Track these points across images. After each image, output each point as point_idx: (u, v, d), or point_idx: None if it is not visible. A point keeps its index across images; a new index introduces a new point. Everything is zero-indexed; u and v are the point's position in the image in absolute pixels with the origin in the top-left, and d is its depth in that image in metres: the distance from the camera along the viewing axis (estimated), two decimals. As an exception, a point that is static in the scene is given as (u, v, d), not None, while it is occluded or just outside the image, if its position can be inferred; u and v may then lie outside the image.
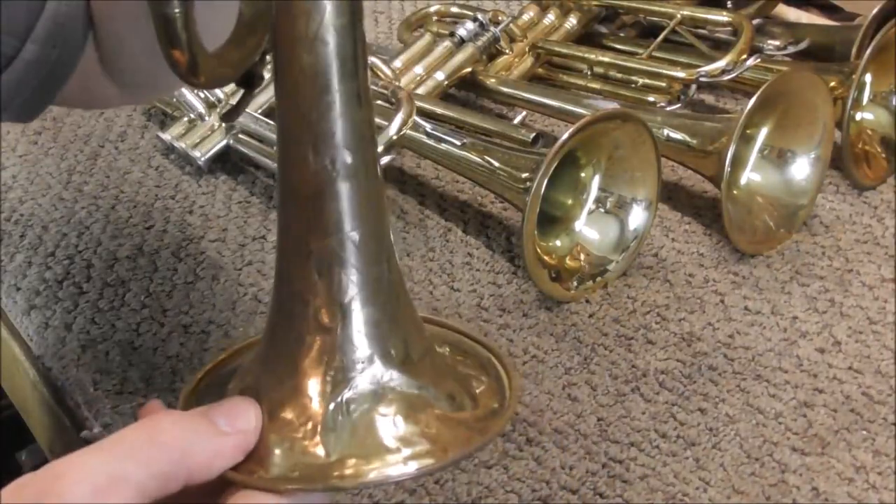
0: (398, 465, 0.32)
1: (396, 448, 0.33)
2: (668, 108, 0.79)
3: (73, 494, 0.28)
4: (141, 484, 0.29)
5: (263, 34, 0.33)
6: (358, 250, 0.34)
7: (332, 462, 0.32)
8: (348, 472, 0.32)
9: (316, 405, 0.33)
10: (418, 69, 0.83)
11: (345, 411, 0.33)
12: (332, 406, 0.33)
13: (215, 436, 0.32)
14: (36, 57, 0.45)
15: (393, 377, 0.34)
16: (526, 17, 0.89)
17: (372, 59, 0.81)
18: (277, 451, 0.32)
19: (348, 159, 0.33)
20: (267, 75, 0.35)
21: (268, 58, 0.35)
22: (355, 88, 0.33)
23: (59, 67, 0.46)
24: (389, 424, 0.33)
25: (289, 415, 0.33)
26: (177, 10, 0.30)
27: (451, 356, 0.38)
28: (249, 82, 0.37)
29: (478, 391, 0.37)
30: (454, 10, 0.93)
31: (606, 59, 0.83)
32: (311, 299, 0.34)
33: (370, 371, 0.34)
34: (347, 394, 0.33)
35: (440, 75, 0.83)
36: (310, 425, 0.33)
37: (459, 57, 0.84)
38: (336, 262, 0.33)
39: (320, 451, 0.32)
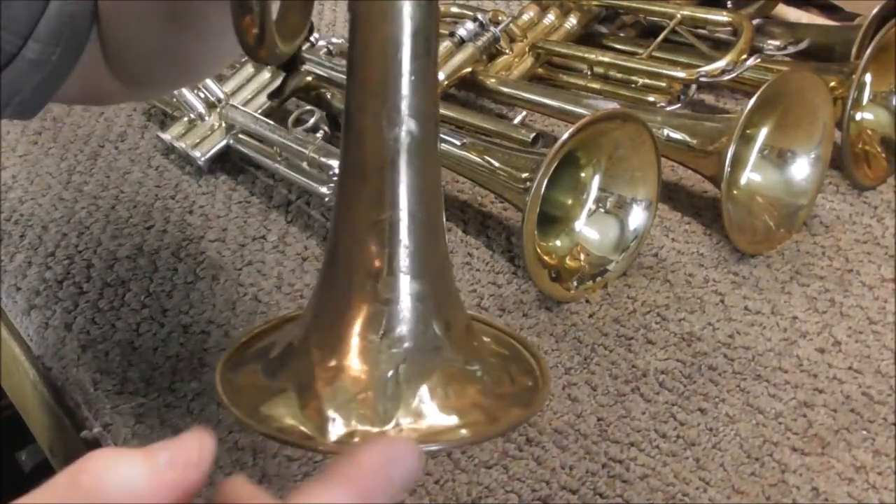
0: (455, 433, 0.33)
1: (451, 417, 0.33)
2: (668, 108, 0.79)
3: None
4: None
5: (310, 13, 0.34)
6: (419, 224, 0.34)
7: (390, 430, 0.32)
8: (408, 438, 0.33)
9: (372, 374, 0.34)
10: (418, 69, 0.83)
11: (401, 381, 0.33)
12: (389, 374, 0.33)
13: (150, 478, 0.28)
14: (38, 56, 0.45)
15: (444, 350, 0.35)
16: (526, 17, 0.89)
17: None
18: (335, 420, 0.33)
19: (417, 133, 0.34)
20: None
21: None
22: (429, 63, 0.34)
23: (59, 66, 0.46)
24: (442, 394, 0.34)
25: (345, 384, 0.33)
26: None
27: (484, 339, 0.39)
28: (292, 66, 0.39)
29: (512, 370, 0.37)
30: (454, 10, 0.93)
31: (606, 59, 0.83)
32: (370, 270, 0.34)
33: (424, 343, 0.34)
34: (403, 364, 0.34)
35: (440, 75, 0.83)
36: (367, 394, 0.33)
37: (459, 57, 0.84)
38: (398, 234, 0.34)
39: (378, 419, 0.33)
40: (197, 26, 0.47)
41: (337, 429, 0.32)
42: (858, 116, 0.77)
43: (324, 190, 0.70)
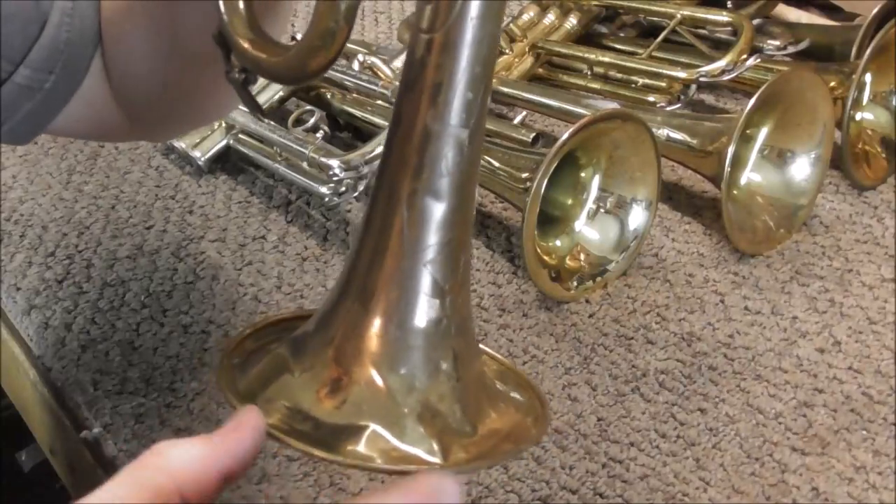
0: (499, 450, 0.34)
1: (490, 438, 0.34)
2: (668, 108, 0.79)
3: None
4: None
5: None
6: (465, 218, 0.35)
7: (479, 437, 0.33)
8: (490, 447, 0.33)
9: (453, 392, 0.34)
10: (418, 69, 0.83)
11: (473, 392, 0.34)
12: (467, 390, 0.34)
13: (203, 443, 0.32)
14: (28, 82, 0.45)
15: (477, 367, 0.36)
16: (526, 17, 0.89)
17: (372, 59, 0.81)
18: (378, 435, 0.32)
19: (481, 131, 0.34)
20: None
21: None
22: (493, 68, 0.35)
23: (54, 94, 0.46)
24: (487, 413, 0.35)
25: (434, 402, 0.33)
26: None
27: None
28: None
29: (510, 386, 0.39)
30: (454, 10, 0.93)
31: (606, 59, 0.83)
32: (445, 287, 0.34)
33: (467, 354, 0.35)
34: (455, 383, 0.34)
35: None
36: (453, 411, 0.33)
37: (459, 57, 0.84)
38: (462, 250, 0.34)
39: (465, 439, 0.33)
40: (201, 64, 0.46)
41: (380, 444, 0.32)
42: (858, 116, 0.77)
43: (324, 190, 0.70)
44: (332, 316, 0.35)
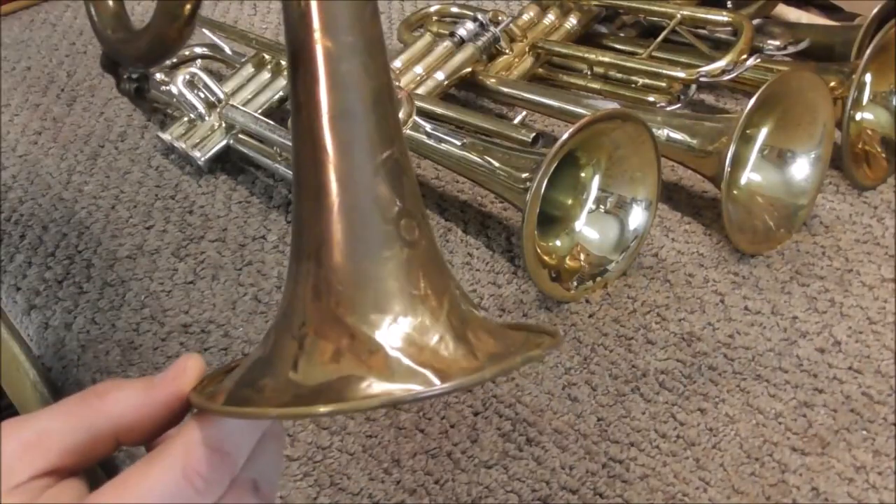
0: (516, 356, 0.32)
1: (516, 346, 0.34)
2: (668, 108, 0.79)
3: (4, 451, 0.31)
4: (65, 439, 0.31)
5: None
6: (396, 134, 0.33)
7: (479, 363, 0.32)
8: (493, 370, 0.32)
9: (438, 321, 0.32)
10: (418, 69, 0.83)
11: (463, 320, 0.32)
12: (452, 317, 0.32)
13: (144, 390, 0.33)
14: None
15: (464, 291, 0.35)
16: (526, 17, 0.89)
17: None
18: (405, 364, 0.31)
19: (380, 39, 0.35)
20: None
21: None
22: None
23: None
24: (493, 328, 0.34)
25: (415, 335, 0.31)
26: None
27: None
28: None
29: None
30: (454, 10, 0.93)
31: (606, 59, 0.83)
32: (394, 212, 0.32)
33: (451, 281, 0.33)
34: (462, 305, 0.32)
35: (440, 75, 0.83)
36: (443, 338, 0.32)
37: (459, 57, 0.84)
38: (403, 170, 0.33)
39: (465, 358, 0.32)
40: None
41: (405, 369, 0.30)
42: (858, 116, 0.77)
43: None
44: (293, 287, 0.33)
